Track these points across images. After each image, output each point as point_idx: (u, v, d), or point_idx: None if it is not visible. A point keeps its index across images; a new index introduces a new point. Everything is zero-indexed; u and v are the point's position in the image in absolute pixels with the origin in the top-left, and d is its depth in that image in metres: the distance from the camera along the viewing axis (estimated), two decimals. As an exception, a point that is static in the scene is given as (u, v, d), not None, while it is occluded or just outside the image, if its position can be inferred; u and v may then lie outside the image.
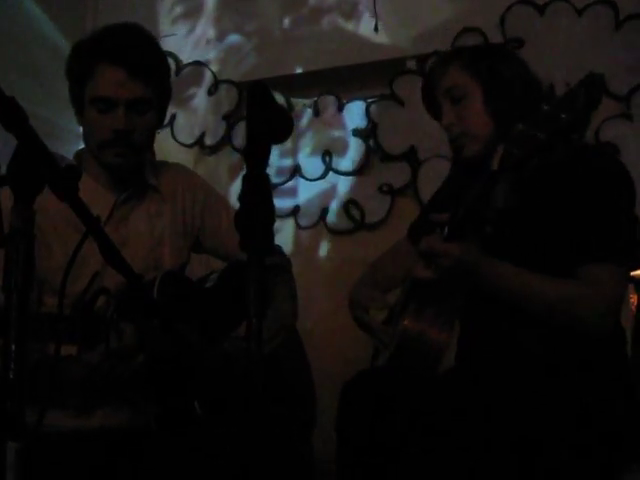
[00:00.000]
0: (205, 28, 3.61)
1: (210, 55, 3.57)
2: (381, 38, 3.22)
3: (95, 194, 1.98)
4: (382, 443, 1.76)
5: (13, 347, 1.02)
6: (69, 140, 3.62)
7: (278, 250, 2.27)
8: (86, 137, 1.99)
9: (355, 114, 3.32)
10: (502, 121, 1.87)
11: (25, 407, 1.04)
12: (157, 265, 2.03)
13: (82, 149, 2.06)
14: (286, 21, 3.43)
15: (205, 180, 2.27)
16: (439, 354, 1.80)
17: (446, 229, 1.81)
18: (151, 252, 2.04)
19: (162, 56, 2.04)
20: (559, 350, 1.79)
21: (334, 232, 3.34)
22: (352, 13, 3.32)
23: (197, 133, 3.51)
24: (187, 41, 3.57)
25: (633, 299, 2.76)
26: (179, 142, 3.55)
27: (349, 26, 3.33)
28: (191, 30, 3.64)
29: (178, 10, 3.69)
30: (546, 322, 1.78)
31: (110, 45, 1.91)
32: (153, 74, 1.95)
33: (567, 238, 1.78)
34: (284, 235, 3.37)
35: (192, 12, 3.66)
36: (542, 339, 1.80)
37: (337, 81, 3.38)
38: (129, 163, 1.98)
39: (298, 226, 3.39)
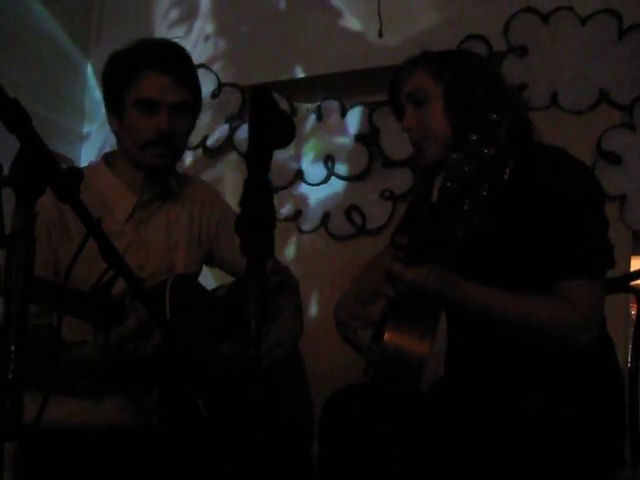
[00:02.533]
0: (207, 30, 3.62)
1: (214, 58, 3.58)
2: (385, 44, 3.23)
3: (119, 194, 2.07)
4: (363, 460, 1.76)
5: (12, 348, 1.02)
6: (71, 140, 3.64)
7: (286, 270, 2.30)
8: (124, 139, 2.06)
9: (358, 120, 3.32)
10: (459, 127, 1.85)
11: (32, 396, 1.04)
12: (170, 270, 2.08)
13: (111, 151, 2.15)
14: (290, 25, 3.44)
15: (223, 196, 2.32)
16: (419, 366, 1.77)
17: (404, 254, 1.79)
18: (166, 256, 2.10)
19: (195, 69, 2.14)
20: (547, 361, 1.77)
21: (335, 237, 3.34)
22: (356, 18, 3.32)
23: (200, 136, 3.52)
24: (191, 44, 3.57)
25: (634, 309, 2.76)
26: (182, 145, 3.56)
27: (353, 31, 3.33)
28: (194, 32, 3.65)
29: (183, 11, 3.70)
30: (521, 339, 1.77)
31: (156, 55, 2.02)
32: (193, 82, 2.07)
33: (540, 254, 1.76)
34: (285, 240, 3.37)
35: (193, 14, 3.67)
36: (528, 349, 1.79)
37: (340, 86, 3.38)
38: (167, 164, 2.07)
39: (300, 231, 3.39)
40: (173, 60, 2.03)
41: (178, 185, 2.18)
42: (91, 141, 3.68)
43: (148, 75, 1.99)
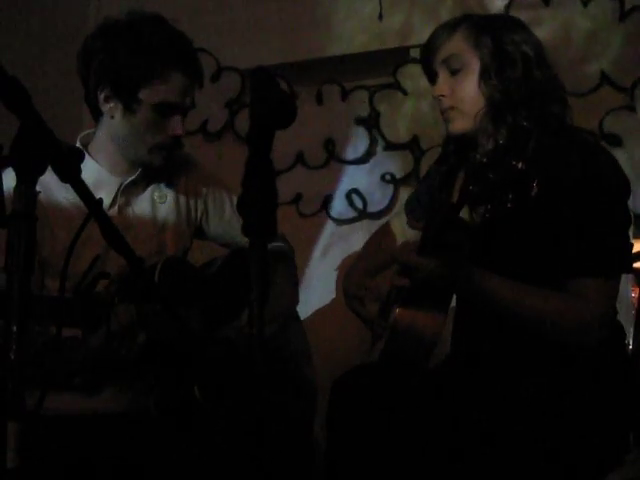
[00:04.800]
0: (206, 13, 3.58)
1: (213, 42, 3.55)
2: (385, 26, 3.21)
3: (100, 178, 2.02)
4: (371, 440, 1.76)
5: (14, 328, 1.02)
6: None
7: (282, 237, 2.29)
8: (126, 131, 2.00)
9: (358, 103, 3.30)
10: (494, 101, 1.81)
11: (27, 388, 1.04)
12: (160, 250, 2.06)
13: (88, 132, 2.08)
14: (289, 8, 3.41)
15: (208, 168, 2.29)
16: (432, 340, 1.78)
17: (419, 243, 1.77)
18: (154, 237, 2.07)
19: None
20: (555, 345, 1.77)
21: (336, 221, 3.33)
22: (356, 1, 3.30)
23: (200, 120, 3.50)
24: (190, 27, 3.54)
25: (634, 292, 2.75)
26: (182, 129, 3.54)
27: (353, 14, 3.31)
28: (193, 15, 3.61)
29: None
30: (532, 333, 1.76)
31: (185, 54, 1.98)
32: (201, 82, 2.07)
33: (557, 250, 1.74)
34: (286, 223, 3.35)
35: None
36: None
37: (341, 69, 3.36)
38: (166, 163, 2.05)
39: (300, 214, 3.38)
40: (195, 61, 2.01)
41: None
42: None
43: (175, 77, 1.95)
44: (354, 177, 3.30)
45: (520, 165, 1.51)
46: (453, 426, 1.73)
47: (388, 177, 3.22)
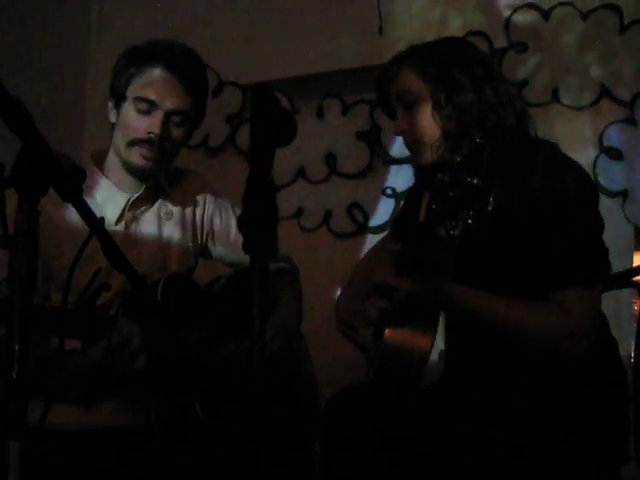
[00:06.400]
0: (207, 28, 3.60)
1: (214, 57, 3.56)
2: (385, 41, 3.22)
3: (109, 194, 2.03)
4: (364, 457, 1.76)
5: (16, 346, 1.02)
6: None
7: (287, 258, 2.29)
8: (116, 133, 2.03)
9: (359, 117, 3.31)
10: (449, 129, 1.82)
11: (28, 403, 1.04)
12: (164, 267, 2.06)
13: (99, 150, 2.11)
14: (291, 23, 3.43)
15: (215, 187, 2.30)
16: (421, 360, 1.77)
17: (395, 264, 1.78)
18: (158, 254, 2.07)
19: (207, 80, 2.11)
20: (551, 361, 1.77)
21: (337, 235, 3.33)
22: (357, 15, 3.31)
23: (201, 135, 3.51)
24: (191, 42, 3.55)
25: (637, 304, 2.76)
26: (183, 144, 3.55)
27: (353, 28, 3.32)
28: (195, 30, 3.62)
29: (185, 9, 3.68)
30: (516, 347, 1.76)
31: (169, 54, 1.99)
32: (199, 92, 2.05)
33: (534, 264, 1.74)
34: (287, 238, 3.35)
35: (194, 12, 3.65)
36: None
37: (341, 84, 3.38)
38: (151, 168, 2.02)
39: (301, 229, 3.38)
40: (185, 64, 2.00)
41: (168, 180, 2.15)
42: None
43: (156, 72, 1.96)
44: (355, 191, 3.31)
45: (475, 181, 1.52)
46: (447, 443, 1.72)
47: (389, 191, 3.23)
